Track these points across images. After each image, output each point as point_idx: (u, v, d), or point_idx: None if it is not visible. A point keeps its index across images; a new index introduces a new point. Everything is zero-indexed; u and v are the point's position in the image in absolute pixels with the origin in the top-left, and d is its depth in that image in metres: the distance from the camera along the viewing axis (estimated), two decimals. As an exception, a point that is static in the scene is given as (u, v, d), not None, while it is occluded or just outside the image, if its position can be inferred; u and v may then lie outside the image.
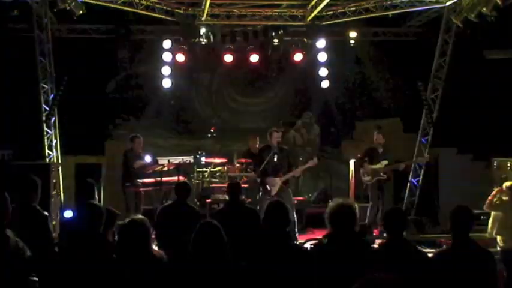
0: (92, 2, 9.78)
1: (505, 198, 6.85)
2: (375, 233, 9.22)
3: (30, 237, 4.61)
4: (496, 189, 7.18)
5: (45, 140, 10.37)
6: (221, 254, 3.46)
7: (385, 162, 9.55)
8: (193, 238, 3.49)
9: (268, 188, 8.41)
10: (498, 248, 6.63)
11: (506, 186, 6.89)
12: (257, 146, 11.05)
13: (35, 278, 4.17)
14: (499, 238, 6.72)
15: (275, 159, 8.48)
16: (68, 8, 8.99)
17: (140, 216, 3.77)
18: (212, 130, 12.99)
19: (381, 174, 9.50)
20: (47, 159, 10.28)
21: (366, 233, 8.78)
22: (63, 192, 10.02)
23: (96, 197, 5.42)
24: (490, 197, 7.01)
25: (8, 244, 3.95)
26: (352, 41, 11.92)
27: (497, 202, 6.86)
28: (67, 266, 3.87)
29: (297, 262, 3.83)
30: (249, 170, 10.46)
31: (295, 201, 9.60)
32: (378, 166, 9.53)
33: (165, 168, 9.36)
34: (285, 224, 3.98)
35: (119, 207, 8.88)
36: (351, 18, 11.06)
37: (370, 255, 4.02)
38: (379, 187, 9.60)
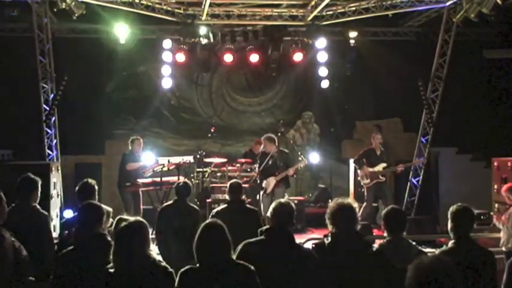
0: (92, 2, 9.78)
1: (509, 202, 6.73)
2: (375, 233, 9.21)
3: (30, 237, 4.62)
4: (495, 217, 7.11)
5: (45, 140, 10.37)
6: (225, 253, 3.46)
7: (383, 165, 9.51)
8: (198, 238, 3.48)
9: (264, 187, 9.11)
10: (503, 249, 6.55)
11: (507, 188, 6.81)
12: (260, 149, 11.08)
13: (31, 278, 4.17)
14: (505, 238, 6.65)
15: (270, 162, 9.12)
16: (67, 8, 8.99)
17: (137, 218, 3.74)
18: (212, 130, 13.00)
19: (380, 177, 9.47)
20: (47, 159, 10.28)
21: (368, 232, 8.78)
22: (63, 192, 10.02)
23: (96, 197, 5.38)
24: (500, 219, 6.88)
25: (4, 244, 3.93)
26: (352, 41, 11.92)
27: (506, 217, 6.73)
28: (66, 266, 3.86)
29: (300, 261, 3.83)
30: (249, 170, 10.49)
31: (296, 201, 9.61)
32: (376, 169, 9.50)
33: (165, 168, 9.36)
34: (289, 223, 4.00)
35: (119, 207, 8.93)
36: (351, 18, 11.06)
37: (370, 254, 4.03)
38: (379, 190, 9.58)
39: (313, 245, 4.21)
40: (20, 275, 3.97)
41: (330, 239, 4.02)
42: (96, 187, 5.37)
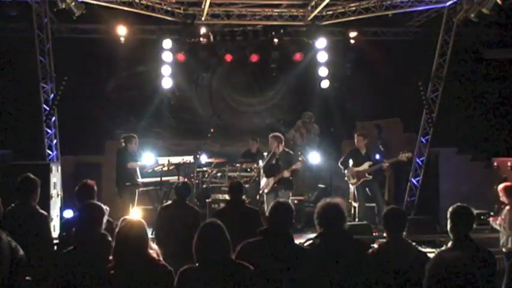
0: (92, 2, 9.78)
1: (506, 206, 6.72)
2: (375, 233, 9.20)
3: (29, 237, 4.62)
4: (491, 219, 7.13)
5: (45, 140, 10.37)
6: (225, 253, 3.46)
7: (368, 163, 9.58)
8: (197, 238, 3.49)
9: (263, 186, 9.19)
10: (504, 250, 6.55)
11: (504, 188, 6.80)
12: (256, 147, 11.08)
13: (28, 278, 4.16)
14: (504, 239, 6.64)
15: (273, 161, 9.12)
16: (67, 8, 8.99)
17: (137, 218, 3.76)
18: (212, 130, 12.99)
19: (366, 175, 9.54)
20: (47, 159, 10.27)
21: (368, 232, 8.78)
22: (63, 192, 10.02)
23: (96, 197, 5.38)
24: (496, 220, 6.86)
25: (1, 244, 3.92)
26: (352, 41, 11.93)
27: (503, 218, 6.73)
28: (66, 266, 3.86)
29: (299, 262, 3.83)
30: (248, 170, 10.49)
31: (296, 201, 9.62)
32: (362, 168, 9.57)
33: (165, 168, 9.35)
34: (288, 225, 4.00)
35: (119, 207, 8.92)
36: (351, 18, 11.07)
37: (364, 253, 4.03)
38: (368, 188, 9.63)
39: (306, 246, 4.21)
40: (17, 275, 3.97)
41: (319, 240, 4.03)
42: (96, 188, 5.36)
